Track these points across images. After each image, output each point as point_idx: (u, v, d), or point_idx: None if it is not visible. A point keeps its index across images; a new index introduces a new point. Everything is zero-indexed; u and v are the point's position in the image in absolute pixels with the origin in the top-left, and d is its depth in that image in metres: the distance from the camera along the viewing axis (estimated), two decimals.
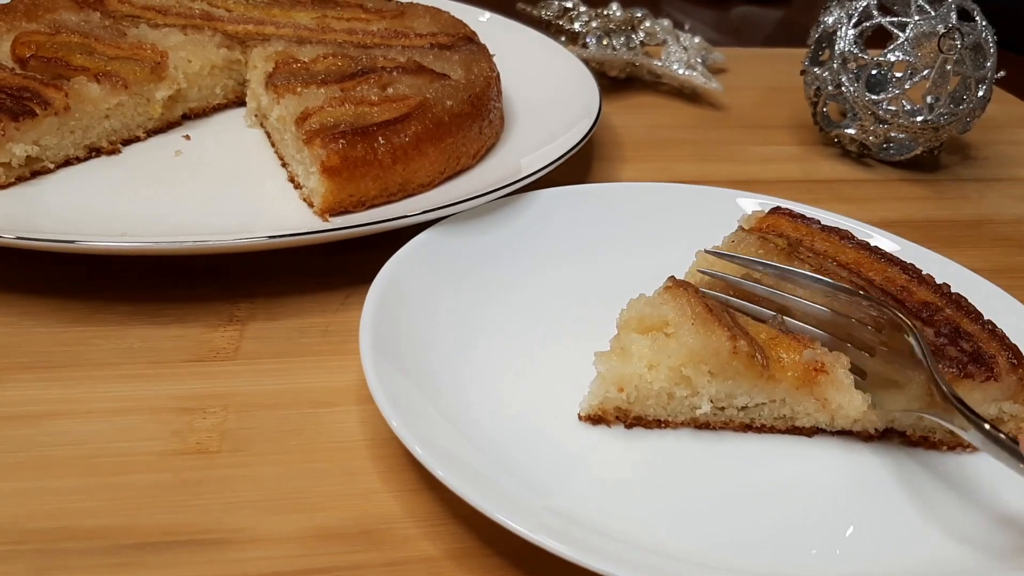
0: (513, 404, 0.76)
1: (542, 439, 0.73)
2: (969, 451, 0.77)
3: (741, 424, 0.77)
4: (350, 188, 0.96)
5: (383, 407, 0.67)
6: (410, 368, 0.75)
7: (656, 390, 0.74)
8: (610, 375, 0.73)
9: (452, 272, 0.89)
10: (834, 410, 0.74)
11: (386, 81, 1.07)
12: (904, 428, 0.77)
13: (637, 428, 0.76)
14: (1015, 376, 0.74)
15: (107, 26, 1.16)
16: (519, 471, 0.69)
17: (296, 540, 0.66)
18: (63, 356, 0.82)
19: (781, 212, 0.93)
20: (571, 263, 0.96)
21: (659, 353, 0.74)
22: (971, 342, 0.76)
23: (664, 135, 1.41)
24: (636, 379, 0.73)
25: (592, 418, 0.76)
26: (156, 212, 0.97)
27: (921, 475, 0.75)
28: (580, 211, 1.01)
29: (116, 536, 0.65)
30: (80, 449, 0.72)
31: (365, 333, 0.75)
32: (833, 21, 1.29)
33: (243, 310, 0.90)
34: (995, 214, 1.27)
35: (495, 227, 0.96)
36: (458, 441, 0.69)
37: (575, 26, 1.57)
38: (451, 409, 0.73)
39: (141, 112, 1.12)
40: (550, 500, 0.67)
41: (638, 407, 0.75)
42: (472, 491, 0.61)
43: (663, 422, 0.77)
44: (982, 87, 1.25)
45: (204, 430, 0.75)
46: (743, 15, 2.27)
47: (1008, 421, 0.77)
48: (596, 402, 0.75)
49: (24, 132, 0.98)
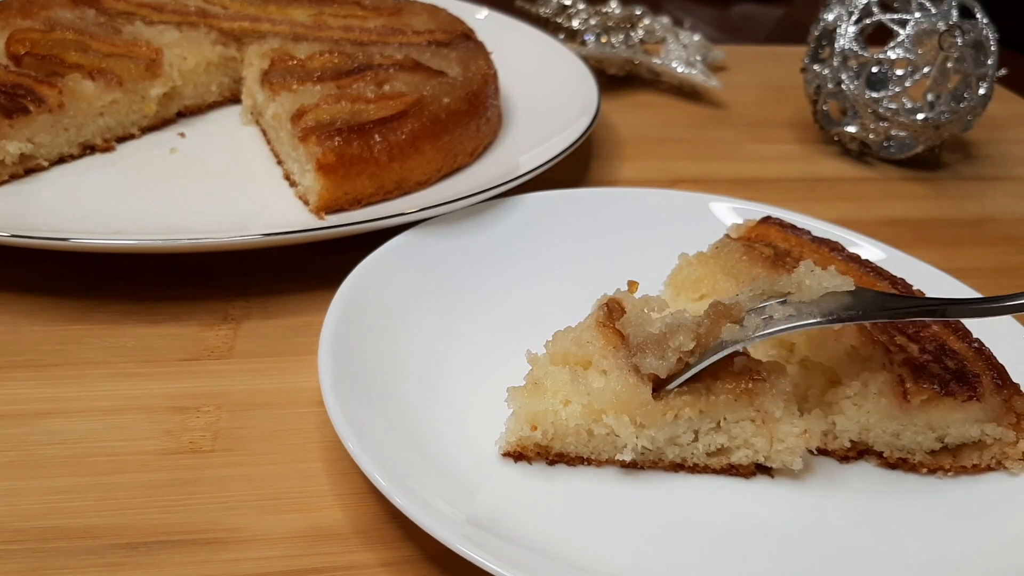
0: (447, 436, 0.71)
1: (465, 473, 0.69)
2: (951, 475, 0.74)
3: (672, 464, 0.72)
4: (346, 186, 0.96)
5: (341, 431, 0.65)
6: (370, 386, 0.72)
7: (573, 427, 0.69)
8: (523, 412, 0.68)
9: (421, 282, 0.86)
10: (772, 427, 0.69)
11: (382, 78, 1.06)
12: (881, 448, 0.74)
13: (560, 465, 0.71)
14: (999, 397, 0.71)
15: (102, 23, 1.16)
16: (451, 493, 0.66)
17: (290, 540, 0.66)
18: (56, 354, 0.82)
19: (772, 221, 0.92)
20: (546, 272, 0.92)
21: (576, 391, 0.68)
22: (956, 360, 0.73)
23: (663, 133, 1.40)
24: (551, 415, 0.68)
25: (512, 455, 0.71)
26: (150, 210, 0.96)
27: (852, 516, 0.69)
28: (559, 217, 0.98)
29: (109, 536, 0.65)
30: (73, 448, 0.72)
31: (324, 359, 0.72)
32: (834, 18, 1.28)
33: (238, 309, 0.90)
34: (997, 213, 1.26)
35: (471, 233, 0.93)
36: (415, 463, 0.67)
37: (574, 23, 1.56)
38: (413, 434, 0.70)
39: (136, 110, 1.11)
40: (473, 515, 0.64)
41: (557, 444, 0.70)
42: (414, 510, 0.60)
43: (587, 459, 0.71)
44: (983, 85, 1.25)
45: (198, 429, 0.75)
46: (743, 12, 2.26)
47: (992, 445, 0.73)
48: (513, 439, 0.70)
49: (18, 129, 0.98)
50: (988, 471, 0.74)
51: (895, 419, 0.72)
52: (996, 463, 0.74)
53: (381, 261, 0.85)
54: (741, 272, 0.81)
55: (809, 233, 0.90)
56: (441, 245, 0.91)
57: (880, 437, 0.73)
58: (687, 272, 0.85)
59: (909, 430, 0.73)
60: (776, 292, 0.69)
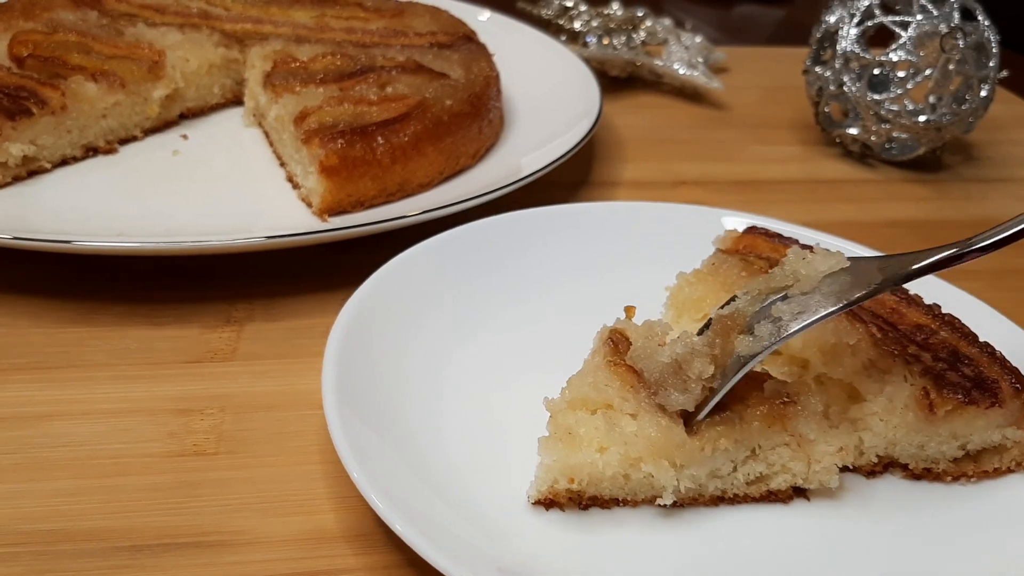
0: (458, 481, 0.68)
1: (489, 520, 0.65)
2: (974, 480, 0.74)
3: (712, 498, 0.69)
4: (348, 188, 0.96)
5: (346, 460, 0.63)
6: (375, 416, 0.70)
7: (610, 475, 0.65)
8: (557, 465, 0.65)
9: (422, 303, 0.83)
10: (808, 449, 0.67)
11: (385, 80, 1.06)
12: (906, 460, 0.73)
13: (594, 509, 0.68)
14: (1019, 401, 0.71)
15: (104, 25, 1.16)
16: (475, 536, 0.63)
17: (294, 543, 0.66)
18: (59, 357, 0.82)
19: (757, 231, 0.89)
20: (548, 288, 0.89)
21: (612, 438, 0.65)
22: (972, 366, 0.72)
23: (665, 135, 1.40)
24: (587, 467, 0.65)
25: (544, 503, 0.67)
26: (153, 212, 0.96)
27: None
28: (555, 235, 0.95)
29: (113, 538, 0.65)
30: (76, 451, 0.72)
31: (328, 379, 0.70)
32: (835, 20, 1.28)
33: (241, 311, 0.90)
34: (998, 215, 1.25)
35: (469, 252, 0.89)
36: (423, 495, 0.65)
37: (575, 25, 1.56)
38: (416, 462, 0.68)
39: (138, 111, 1.11)
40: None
41: (591, 490, 0.67)
42: (431, 550, 0.58)
43: (622, 501, 0.68)
44: (985, 87, 1.25)
45: (201, 432, 0.75)
46: (745, 14, 2.26)
47: (1011, 448, 0.73)
48: (545, 488, 0.66)
49: (21, 132, 0.98)
50: (1008, 473, 0.75)
51: (920, 431, 0.71)
52: (1016, 465, 0.74)
53: (375, 289, 0.82)
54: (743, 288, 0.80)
55: (796, 242, 0.87)
56: (442, 262, 0.87)
57: (906, 450, 0.72)
58: (687, 292, 0.82)
59: (934, 440, 0.72)
60: (773, 289, 0.66)
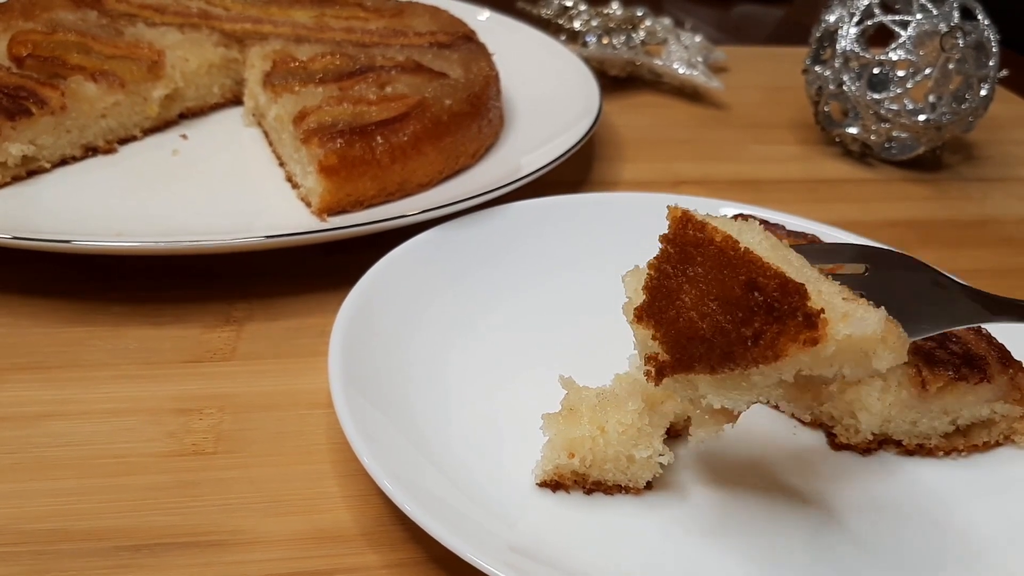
0: (465, 463, 0.69)
1: (497, 502, 0.67)
2: (964, 455, 0.76)
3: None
4: (348, 188, 0.96)
5: (354, 443, 0.65)
6: (382, 400, 0.72)
7: (612, 454, 0.67)
8: (559, 439, 0.66)
9: (427, 291, 0.85)
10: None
11: (384, 80, 1.06)
12: (900, 437, 0.75)
13: (597, 494, 0.69)
14: (1006, 376, 0.74)
15: (104, 25, 1.16)
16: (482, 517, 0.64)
17: (294, 542, 0.66)
18: (59, 357, 0.82)
19: (744, 219, 0.91)
20: (550, 278, 0.91)
21: (607, 414, 0.66)
22: (959, 344, 0.75)
23: (665, 134, 1.40)
24: (588, 441, 0.66)
25: (549, 485, 0.69)
26: (153, 212, 0.96)
27: None
28: (554, 225, 0.96)
29: (113, 538, 0.65)
30: (76, 450, 0.72)
31: (335, 364, 0.71)
32: (835, 20, 1.28)
33: (240, 311, 0.90)
34: (998, 214, 1.26)
35: (469, 242, 0.91)
36: (431, 477, 0.66)
37: (575, 24, 1.56)
38: (426, 446, 0.69)
39: (138, 111, 1.11)
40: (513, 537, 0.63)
41: (595, 472, 0.68)
42: (442, 530, 0.59)
43: (625, 488, 0.69)
44: (984, 86, 1.25)
45: (201, 431, 0.75)
46: (744, 13, 2.26)
47: (1000, 422, 0.76)
48: (550, 467, 0.68)
49: (20, 131, 0.98)
50: (997, 447, 0.77)
51: (914, 408, 0.74)
52: (1004, 438, 0.77)
53: (379, 277, 0.83)
54: None
55: (783, 227, 0.89)
56: (446, 251, 0.90)
57: (900, 427, 0.75)
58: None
59: (926, 417, 0.75)
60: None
